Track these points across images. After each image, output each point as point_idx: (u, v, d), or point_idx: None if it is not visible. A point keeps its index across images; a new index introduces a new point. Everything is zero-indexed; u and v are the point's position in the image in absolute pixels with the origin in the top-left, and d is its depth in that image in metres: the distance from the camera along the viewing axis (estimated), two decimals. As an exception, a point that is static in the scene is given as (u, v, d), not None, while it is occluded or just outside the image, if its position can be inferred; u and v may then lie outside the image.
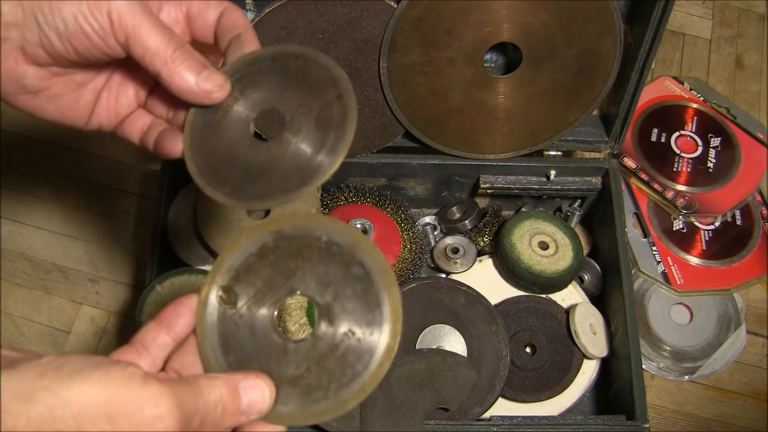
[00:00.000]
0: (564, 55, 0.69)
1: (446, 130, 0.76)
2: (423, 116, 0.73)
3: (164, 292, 0.69)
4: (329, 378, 0.40)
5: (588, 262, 0.84)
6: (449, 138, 0.77)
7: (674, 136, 0.99)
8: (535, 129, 0.77)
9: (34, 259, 0.98)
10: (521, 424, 0.69)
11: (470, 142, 0.78)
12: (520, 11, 0.65)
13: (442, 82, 0.70)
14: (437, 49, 0.66)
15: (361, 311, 0.40)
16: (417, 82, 0.70)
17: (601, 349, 0.77)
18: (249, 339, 0.41)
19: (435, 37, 0.65)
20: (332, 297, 0.40)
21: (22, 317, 0.94)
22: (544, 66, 0.70)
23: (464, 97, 0.72)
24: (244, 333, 0.41)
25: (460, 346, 0.72)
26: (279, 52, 0.45)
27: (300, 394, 0.40)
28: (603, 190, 0.82)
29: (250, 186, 0.43)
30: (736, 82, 1.10)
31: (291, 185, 0.42)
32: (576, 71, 0.71)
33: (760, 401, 0.89)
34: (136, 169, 1.03)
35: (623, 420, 0.69)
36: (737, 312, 0.90)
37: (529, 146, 0.79)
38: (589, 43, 0.69)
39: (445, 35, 0.65)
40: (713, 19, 1.15)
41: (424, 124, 0.74)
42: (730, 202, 0.94)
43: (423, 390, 0.67)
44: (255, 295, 0.42)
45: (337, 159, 0.42)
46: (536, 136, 0.78)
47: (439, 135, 0.76)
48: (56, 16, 0.41)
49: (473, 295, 0.75)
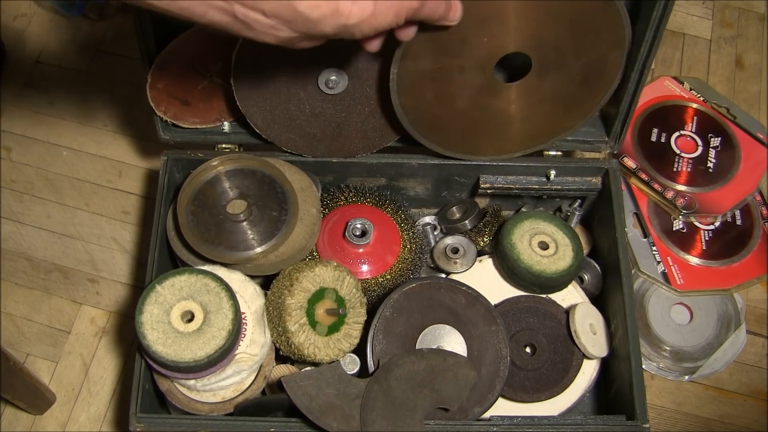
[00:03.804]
0: (571, 65, 0.69)
1: (447, 134, 0.76)
2: (426, 120, 0.73)
3: (164, 292, 0.69)
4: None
5: (588, 262, 0.84)
6: (449, 141, 0.77)
7: (674, 136, 0.99)
8: (534, 134, 0.77)
9: (34, 259, 0.98)
10: (521, 424, 0.69)
11: (470, 146, 0.78)
12: (536, 22, 0.65)
13: (450, 89, 0.70)
14: (450, 56, 0.67)
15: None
16: (425, 88, 0.70)
17: (601, 349, 0.77)
18: None
19: (449, 46, 0.65)
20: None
21: (22, 317, 0.94)
22: (551, 74, 0.70)
23: (470, 103, 0.72)
24: None
25: (460, 346, 0.72)
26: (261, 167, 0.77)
27: None
28: (603, 190, 0.82)
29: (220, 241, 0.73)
30: (736, 82, 1.10)
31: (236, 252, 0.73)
32: (581, 80, 0.71)
33: (760, 401, 0.89)
34: (136, 169, 1.03)
35: (623, 420, 0.69)
36: (737, 312, 0.90)
37: (525, 150, 0.79)
38: (598, 54, 0.69)
39: (459, 44, 0.65)
40: (713, 19, 1.15)
41: (427, 128, 0.74)
42: (730, 202, 0.94)
43: (423, 390, 0.67)
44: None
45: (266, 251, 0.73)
46: (534, 141, 0.78)
47: (439, 138, 0.76)
48: None
49: (473, 295, 0.75)
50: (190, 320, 0.69)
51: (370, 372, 0.70)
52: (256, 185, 0.76)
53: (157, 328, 0.67)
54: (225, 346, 0.67)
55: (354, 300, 0.75)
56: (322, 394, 0.66)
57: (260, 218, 0.75)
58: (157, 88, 0.78)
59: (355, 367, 0.74)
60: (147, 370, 0.71)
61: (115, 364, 0.92)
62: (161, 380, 0.72)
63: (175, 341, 0.67)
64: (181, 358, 0.66)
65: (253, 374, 0.74)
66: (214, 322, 0.68)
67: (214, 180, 0.76)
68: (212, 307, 0.68)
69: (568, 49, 0.68)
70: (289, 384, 0.66)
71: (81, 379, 0.91)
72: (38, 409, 0.88)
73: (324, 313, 0.72)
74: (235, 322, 0.68)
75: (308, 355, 0.71)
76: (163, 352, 0.66)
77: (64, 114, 1.06)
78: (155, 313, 0.68)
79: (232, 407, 0.72)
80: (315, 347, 0.71)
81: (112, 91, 1.08)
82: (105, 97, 1.08)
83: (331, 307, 0.73)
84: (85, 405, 0.90)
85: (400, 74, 0.68)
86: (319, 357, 0.71)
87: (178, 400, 0.72)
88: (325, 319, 0.72)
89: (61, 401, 0.90)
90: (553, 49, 0.68)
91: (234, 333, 0.68)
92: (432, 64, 0.67)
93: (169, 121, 0.78)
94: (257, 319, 0.73)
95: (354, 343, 0.74)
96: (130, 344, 0.92)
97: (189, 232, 0.73)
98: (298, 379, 0.66)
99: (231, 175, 0.77)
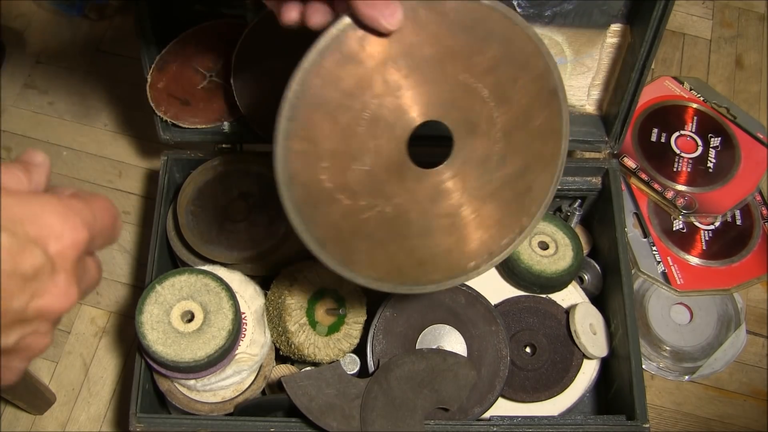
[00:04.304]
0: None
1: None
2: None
3: (164, 292, 0.69)
4: None
5: (588, 262, 0.84)
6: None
7: (674, 136, 0.99)
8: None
9: (34, 259, 0.97)
10: (521, 424, 0.69)
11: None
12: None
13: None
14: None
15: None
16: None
17: (601, 349, 0.77)
18: None
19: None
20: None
21: (22, 317, 0.94)
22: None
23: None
24: None
25: (460, 346, 0.72)
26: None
27: None
28: (603, 190, 0.82)
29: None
30: (736, 82, 1.10)
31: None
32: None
33: (760, 401, 0.89)
34: (136, 169, 1.03)
35: (623, 420, 0.69)
36: (737, 312, 0.90)
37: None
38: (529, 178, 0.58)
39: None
40: (713, 19, 1.15)
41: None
42: (730, 202, 0.94)
43: (423, 390, 0.67)
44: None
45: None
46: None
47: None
48: None
49: (473, 295, 0.75)
50: (190, 320, 0.69)
51: (370, 372, 0.70)
52: (256, 185, 0.76)
53: (157, 328, 0.67)
54: (225, 346, 0.67)
55: (354, 300, 0.75)
56: (322, 394, 0.66)
57: (260, 218, 0.75)
58: (157, 88, 0.78)
59: (355, 367, 0.74)
60: (147, 370, 0.71)
61: (115, 364, 0.92)
62: (161, 380, 0.72)
63: (175, 341, 0.67)
64: (181, 358, 0.66)
65: (253, 374, 0.74)
66: (214, 322, 0.68)
67: (214, 180, 0.76)
68: (212, 307, 0.68)
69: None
70: (289, 384, 0.66)
71: (81, 379, 0.91)
72: (38, 409, 0.88)
73: (324, 313, 0.72)
74: (235, 322, 0.68)
75: (308, 355, 0.71)
76: (163, 352, 0.66)
77: (64, 114, 1.06)
78: (155, 313, 0.68)
79: (232, 407, 0.72)
80: (315, 347, 0.71)
81: (112, 91, 1.08)
82: (105, 97, 1.07)
83: (331, 307, 0.73)
84: (85, 405, 0.90)
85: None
86: (319, 357, 0.71)
87: (178, 400, 0.72)
88: (325, 319, 0.72)
89: (61, 401, 0.90)
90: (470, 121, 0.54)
91: (234, 333, 0.68)
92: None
93: (169, 121, 0.78)
94: (257, 319, 0.73)
95: (354, 343, 0.74)
96: (130, 344, 0.92)
97: (189, 232, 0.73)
98: (298, 379, 0.66)
99: (231, 175, 0.77)
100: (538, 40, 0.52)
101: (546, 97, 0.54)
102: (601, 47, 0.76)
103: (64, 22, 1.13)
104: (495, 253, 0.58)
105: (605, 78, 0.79)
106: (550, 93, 0.54)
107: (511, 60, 0.52)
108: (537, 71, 0.53)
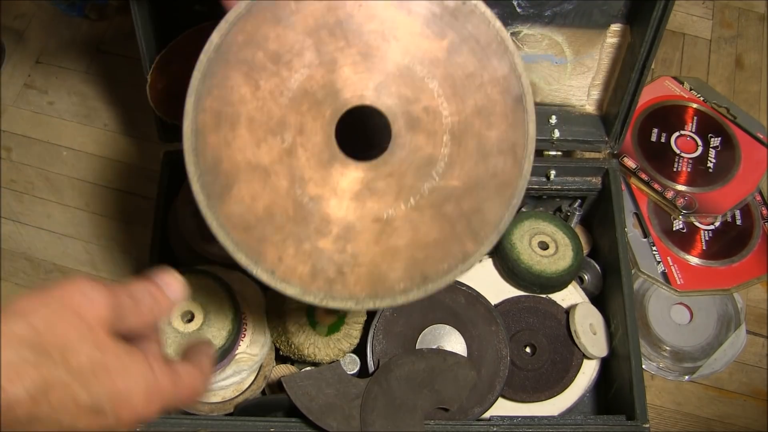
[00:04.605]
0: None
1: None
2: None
3: (164, 292, 0.69)
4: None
5: (588, 262, 0.84)
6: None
7: (674, 136, 0.99)
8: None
9: (34, 259, 0.98)
10: (521, 424, 0.69)
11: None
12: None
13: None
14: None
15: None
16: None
17: (601, 349, 0.77)
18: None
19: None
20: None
21: (22, 317, 0.94)
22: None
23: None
24: None
25: (460, 346, 0.72)
26: None
27: None
28: (603, 190, 0.82)
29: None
30: (736, 82, 1.10)
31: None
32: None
33: (760, 401, 0.89)
34: (136, 169, 1.03)
35: (623, 420, 0.69)
36: (737, 312, 0.90)
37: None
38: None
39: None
40: (713, 19, 1.15)
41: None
42: (730, 202, 0.94)
43: (423, 390, 0.67)
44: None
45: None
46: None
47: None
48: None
49: (473, 295, 0.75)
50: (190, 320, 0.69)
51: (370, 372, 0.70)
52: None
53: (157, 328, 0.67)
54: (225, 346, 0.67)
55: (354, 300, 0.75)
56: (322, 394, 0.66)
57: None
58: (157, 88, 0.78)
59: (355, 367, 0.74)
60: (147, 370, 0.71)
61: (115, 364, 0.92)
62: (161, 380, 0.72)
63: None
64: (181, 358, 0.66)
65: (253, 374, 0.74)
66: (214, 322, 0.68)
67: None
68: (212, 307, 0.68)
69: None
70: (289, 384, 0.66)
71: (81, 379, 0.91)
72: (38, 409, 0.88)
73: (324, 313, 0.72)
74: (235, 322, 0.68)
75: (308, 355, 0.71)
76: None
77: (64, 114, 1.06)
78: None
79: (232, 407, 0.72)
80: (315, 347, 0.71)
81: (112, 91, 1.08)
82: (105, 97, 1.08)
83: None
84: (85, 405, 0.90)
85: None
86: (319, 357, 0.71)
87: (178, 400, 0.72)
88: (325, 319, 0.72)
89: (61, 401, 0.89)
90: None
91: (234, 333, 0.68)
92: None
93: (169, 121, 0.78)
94: (257, 319, 0.73)
95: (354, 343, 0.74)
96: (130, 344, 0.92)
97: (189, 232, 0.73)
98: (298, 379, 0.66)
99: (231, 175, 0.77)
100: (504, 35, 0.47)
101: (508, 104, 0.48)
102: (601, 47, 0.76)
103: (64, 22, 1.13)
104: (430, 279, 0.48)
105: (605, 78, 0.79)
106: (514, 100, 0.48)
107: (469, 53, 0.46)
108: (500, 71, 0.47)
